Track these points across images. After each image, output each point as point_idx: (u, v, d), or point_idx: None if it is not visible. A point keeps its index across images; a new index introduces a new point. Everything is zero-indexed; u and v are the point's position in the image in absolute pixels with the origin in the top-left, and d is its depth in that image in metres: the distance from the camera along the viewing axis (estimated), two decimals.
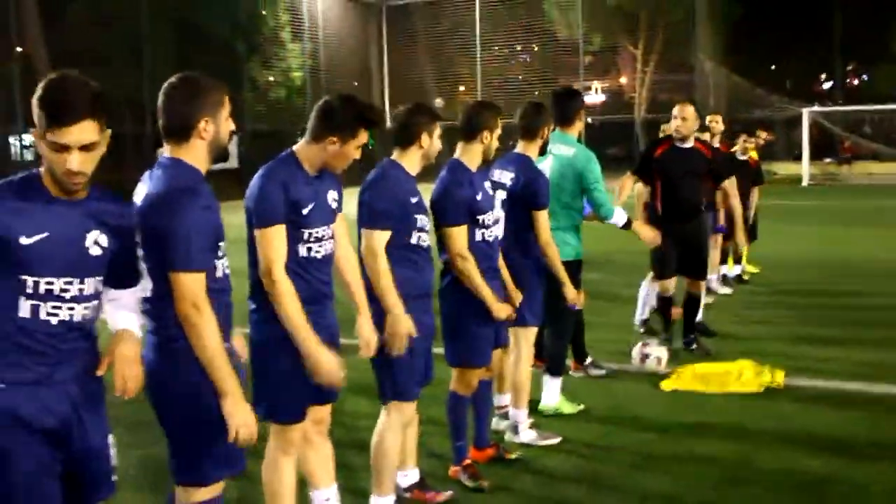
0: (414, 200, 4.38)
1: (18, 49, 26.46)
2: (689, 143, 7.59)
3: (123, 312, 3.17)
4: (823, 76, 50.26)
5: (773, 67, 46.87)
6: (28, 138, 28.26)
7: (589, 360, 7.31)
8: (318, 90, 35.98)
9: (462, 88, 42.60)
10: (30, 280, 2.87)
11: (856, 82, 50.13)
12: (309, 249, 3.87)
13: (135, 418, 6.44)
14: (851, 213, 21.87)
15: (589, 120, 32.33)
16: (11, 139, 28.58)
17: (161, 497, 3.72)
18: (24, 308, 2.88)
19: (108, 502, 3.21)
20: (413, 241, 4.39)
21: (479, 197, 4.87)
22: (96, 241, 2.99)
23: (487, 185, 5.06)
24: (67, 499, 3.05)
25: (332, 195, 3.99)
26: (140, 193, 3.33)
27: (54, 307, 2.91)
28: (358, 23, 39.75)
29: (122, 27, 27.96)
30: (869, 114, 38.65)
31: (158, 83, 3.39)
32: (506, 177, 5.60)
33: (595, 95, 44.53)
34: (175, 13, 29.28)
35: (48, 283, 2.89)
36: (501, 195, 5.57)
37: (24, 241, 2.84)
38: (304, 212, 3.82)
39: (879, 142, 37.34)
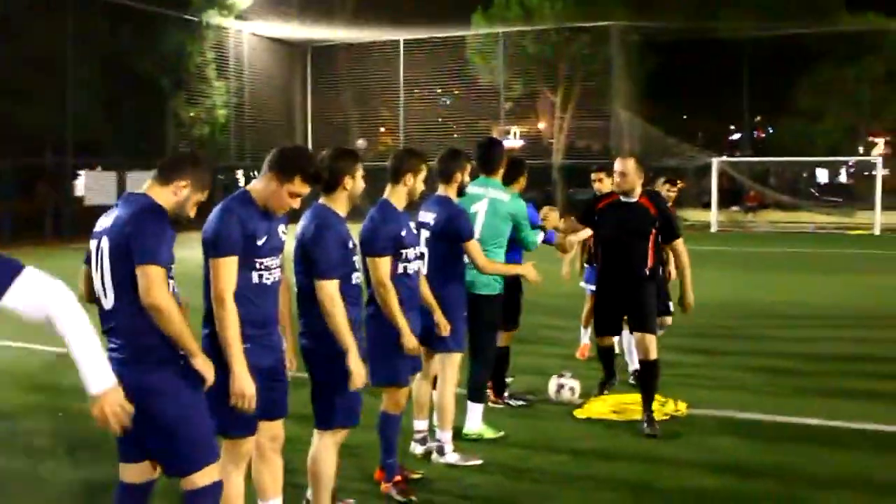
0: (350, 245, 4.82)
1: None
2: (634, 198, 7.16)
3: None
4: (732, 128, 52.37)
5: (685, 118, 48.71)
6: None
7: (507, 393, 7.82)
8: (241, 128, 36.24)
9: (384, 130, 43.26)
10: None
11: (763, 135, 52.34)
12: (260, 277, 4.28)
13: (75, 439, 6.74)
14: (756, 260, 23.00)
15: None
16: None
17: None
18: None
19: None
20: (353, 281, 4.84)
21: (403, 233, 5.40)
22: None
23: (412, 224, 5.61)
24: None
25: (281, 228, 4.43)
26: (109, 219, 3.88)
27: None
28: (283, 63, 40.15)
29: (46, 61, 27.78)
30: (774, 165, 40.53)
31: (81, 117, 3.96)
32: (429, 217, 6.16)
33: (514, 140, 45.59)
34: (100, 48, 29.23)
35: None
36: (426, 234, 6.14)
37: None
38: (259, 243, 4.24)
39: (783, 192, 39.16)
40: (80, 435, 6.77)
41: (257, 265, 4.27)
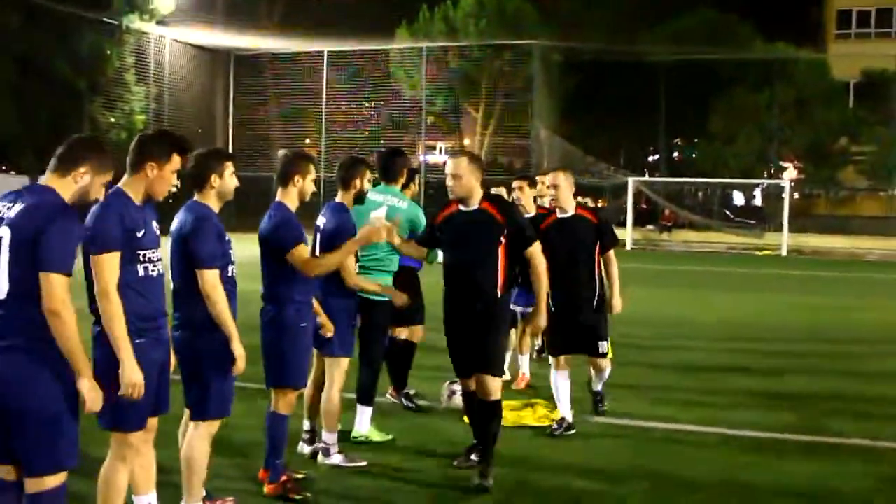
0: (227, 238, 4.99)
1: None
2: (474, 206, 6.16)
3: None
4: (652, 148, 53.50)
5: (604, 137, 49.58)
6: None
7: (405, 390, 7.98)
8: None
9: (307, 141, 43.18)
10: None
11: (679, 156, 53.53)
12: (146, 269, 4.39)
13: None
14: (668, 277, 23.60)
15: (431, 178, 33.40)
16: None
17: None
18: None
19: None
20: (229, 273, 4.98)
21: (301, 231, 5.60)
22: None
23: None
24: None
25: (155, 224, 4.54)
26: (11, 208, 3.87)
27: None
28: (206, 70, 39.87)
29: None
30: (688, 185, 41.57)
31: None
32: (320, 220, 6.33)
33: (438, 155, 45.92)
34: (14, 48, 28.65)
35: None
36: (318, 237, 6.29)
37: None
38: (139, 235, 4.35)
39: (696, 212, 40.19)
40: None
41: (142, 258, 4.37)
